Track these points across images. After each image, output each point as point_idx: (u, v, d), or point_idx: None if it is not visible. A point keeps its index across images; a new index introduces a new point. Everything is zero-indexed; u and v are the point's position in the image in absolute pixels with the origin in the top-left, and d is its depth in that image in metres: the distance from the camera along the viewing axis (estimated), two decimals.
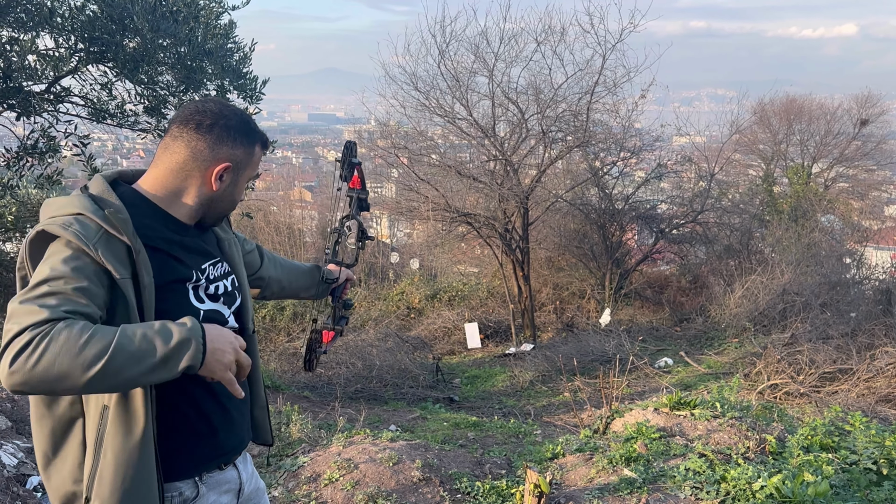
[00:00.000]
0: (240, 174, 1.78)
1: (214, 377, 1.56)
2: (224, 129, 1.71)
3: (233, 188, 1.78)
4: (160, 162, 1.71)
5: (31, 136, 6.30)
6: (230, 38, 6.28)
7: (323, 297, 2.40)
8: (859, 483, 3.84)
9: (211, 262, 1.81)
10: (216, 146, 1.70)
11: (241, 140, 1.74)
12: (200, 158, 1.70)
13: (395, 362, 11.13)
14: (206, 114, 1.70)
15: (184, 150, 1.69)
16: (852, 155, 22.97)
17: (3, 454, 3.84)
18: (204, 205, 1.75)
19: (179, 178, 1.71)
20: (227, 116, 1.72)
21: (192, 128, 1.68)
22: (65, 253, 1.50)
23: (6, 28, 5.58)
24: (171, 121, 1.74)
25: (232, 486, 1.86)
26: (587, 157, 16.23)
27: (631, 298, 16.73)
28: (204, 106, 1.72)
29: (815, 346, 9.46)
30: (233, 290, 1.88)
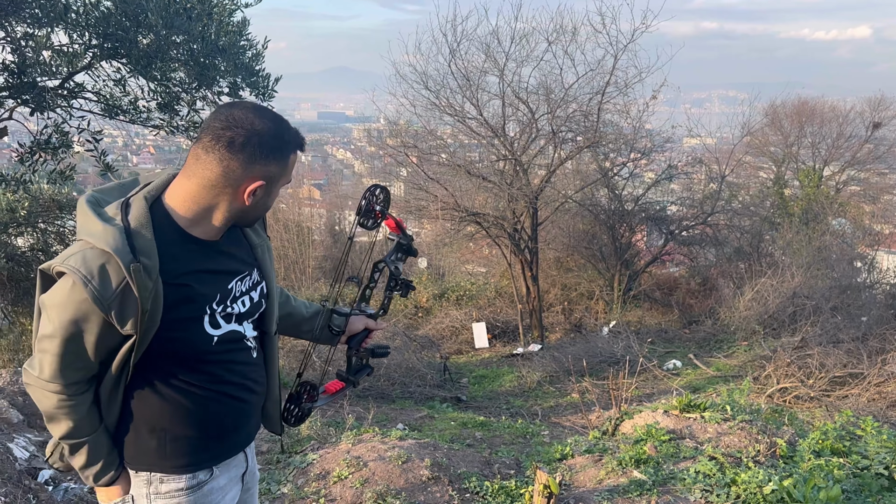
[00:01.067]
0: (273, 187, 1.74)
1: None
2: (258, 147, 1.64)
3: (266, 199, 1.76)
4: (192, 174, 1.67)
5: (45, 132, 6.34)
6: (243, 36, 6.29)
7: (328, 344, 2.15)
8: (871, 488, 3.81)
9: (239, 278, 1.83)
10: (249, 165, 1.65)
11: (274, 156, 1.67)
12: (233, 177, 1.65)
13: (402, 361, 11.14)
14: (239, 131, 1.62)
15: (216, 168, 1.64)
16: (864, 158, 22.78)
17: (14, 447, 3.86)
18: (234, 218, 1.75)
19: (211, 194, 1.68)
20: (261, 133, 1.64)
21: (224, 145, 1.62)
22: (74, 311, 1.61)
23: (21, 24, 5.61)
24: (203, 129, 1.67)
25: (240, 468, 1.98)
26: (597, 158, 16.20)
27: (640, 300, 16.69)
28: (236, 120, 1.63)
29: (826, 350, 9.40)
30: (259, 299, 1.91)
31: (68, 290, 1.59)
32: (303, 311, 2.17)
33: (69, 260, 1.59)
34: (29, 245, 9.48)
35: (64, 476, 3.87)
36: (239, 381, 1.86)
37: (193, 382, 1.77)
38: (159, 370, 1.73)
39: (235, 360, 1.85)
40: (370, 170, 20.46)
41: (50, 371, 1.65)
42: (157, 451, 1.78)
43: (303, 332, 2.18)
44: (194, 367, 1.76)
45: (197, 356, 1.76)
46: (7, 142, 7.73)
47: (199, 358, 1.76)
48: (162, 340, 1.67)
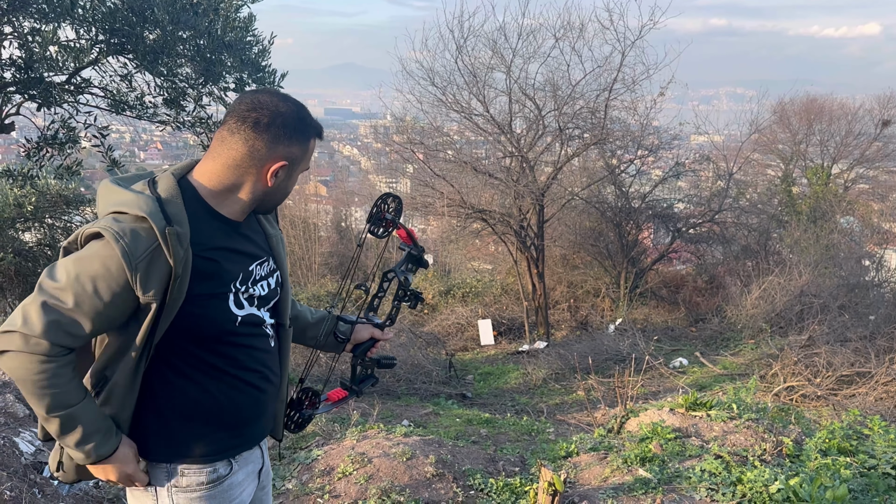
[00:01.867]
0: (295, 169, 1.80)
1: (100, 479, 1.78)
2: (282, 127, 1.70)
3: (286, 182, 1.80)
4: (217, 155, 1.72)
5: (52, 127, 6.35)
6: (249, 31, 6.29)
7: (332, 352, 2.17)
8: (878, 488, 3.79)
9: (258, 262, 1.85)
10: (273, 145, 1.71)
11: (297, 137, 1.74)
12: (258, 157, 1.70)
13: (408, 357, 11.14)
14: (264, 111, 1.69)
15: (241, 147, 1.69)
16: (873, 156, 22.65)
17: (20, 442, 3.87)
18: (257, 200, 1.78)
19: (236, 174, 1.72)
20: (285, 114, 1.71)
21: (249, 125, 1.68)
22: (97, 266, 1.56)
23: (28, 19, 5.63)
24: (228, 112, 1.74)
25: (256, 465, 1.97)
26: (604, 155, 16.14)
27: (646, 298, 16.64)
28: (261, 102, 1.71)
29: (833, 349, 9.35)
30: (276, 286, 1.92)
31: (97, 247, 1.57)
32: (308, 317, 2.17)
33: (99, 222, 1.58)
34: (36, 240, 9.51)
35: None
36: (258, 368, 1.85)
37: (215, 366, 1.76)
38: (181, 352, 1.72)
39: (255, 347, 1.84)
40: (376, 166, 20.45)
41: (41, 324, 1.52)
42: (176, 439, 1.76)
43: (307, 339, 2.17)
44: (216, 350, 1.75)
45: (220, 336, 1.75)
46: (14, 137, 7.76)
47: (222, 339, 1.75)
48: (186, 316, 1.66)
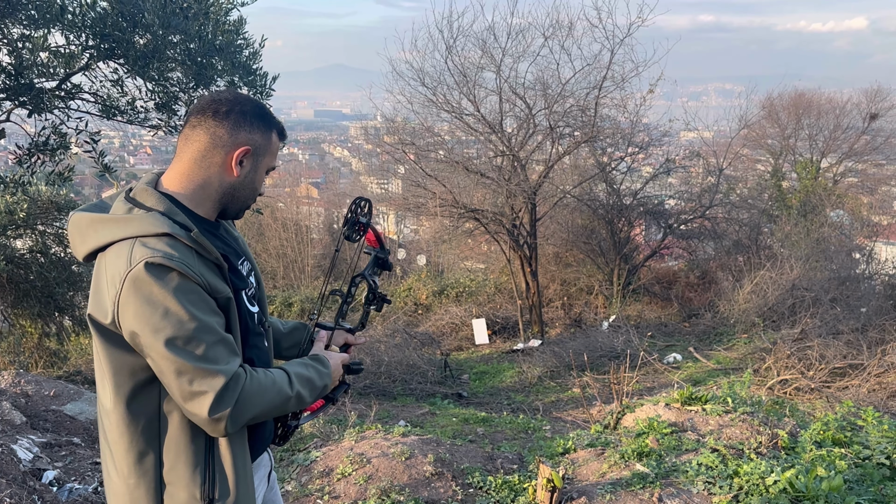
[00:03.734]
0: (259, 160, 1.78)
1: None
2: (241, 114, 1.73)
3: (253, 175, 1.78)
4: (182, 155, 1.73)
5: (43, 133, 6.33)
6: (240, 35, 6.29)
7: None
8: (873, 478, 3.83)
9: (240, 262, 1.85)
10: (235, 131, 1.71)
11: (258, 125, 1.75)
12: (220, 144, 1.71)
13: (403, 358, 11.15)
14: (223, 102, 1.73)
15: (204, 138, 1.70)
16: (862, 149, 22.81)
17: (18, 449, 3.86)
18: (227, 194, 1.76)
19: (202, 167, 1.72)
20: (243, 103, 1.74)
21: (209, 115, 1.71)
22: (180, 292, 1.52)
23: (18, 25, 5.60)
24: (188, 113, 1.76)
25: (266, 469, 1.98)
26: (595, 153, 16.20)
27: (639, 294, 16.71)
28: (219, 95, 1.75)
29: (826, 342, 9.43)
30: (257, 286, 1.93)
31: (159, 284, 1.51)
32: (280, 327, 2.14)
33: (133, 258, 1.52)
34: (28, 247, 9.48)
35: (68, 477, 3.88)
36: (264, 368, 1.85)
37: None
38: None
39: (260, 346, 1.84)
40: (367, 167, 20.45)
41: (221, 369, 1.53)
42: None
43: (283, 349, 2.12)
44: (243, 352, 1.73)
45: (244, 336, 1.75)
46: (5, 144, 7.72)
47: (245, 339, 1.75)
48: None
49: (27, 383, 5.25)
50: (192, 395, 1.52)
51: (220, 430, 1.56)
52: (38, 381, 5.44)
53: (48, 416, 4.85)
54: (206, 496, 1.63)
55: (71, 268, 9.56)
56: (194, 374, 1.51)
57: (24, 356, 9.46)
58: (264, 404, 1.61)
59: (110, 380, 1.60)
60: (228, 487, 1.66)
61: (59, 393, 5.27)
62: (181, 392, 1.52)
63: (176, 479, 1.62)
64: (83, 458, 4.24)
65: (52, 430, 4.67)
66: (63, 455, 4.21)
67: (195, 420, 1.55)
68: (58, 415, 4.91)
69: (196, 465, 1.62)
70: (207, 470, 1.64)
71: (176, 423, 1.61)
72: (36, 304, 9.11)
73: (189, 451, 1.62)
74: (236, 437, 1.68)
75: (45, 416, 4.82)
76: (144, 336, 1.50)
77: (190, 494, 1.62)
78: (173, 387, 1.52)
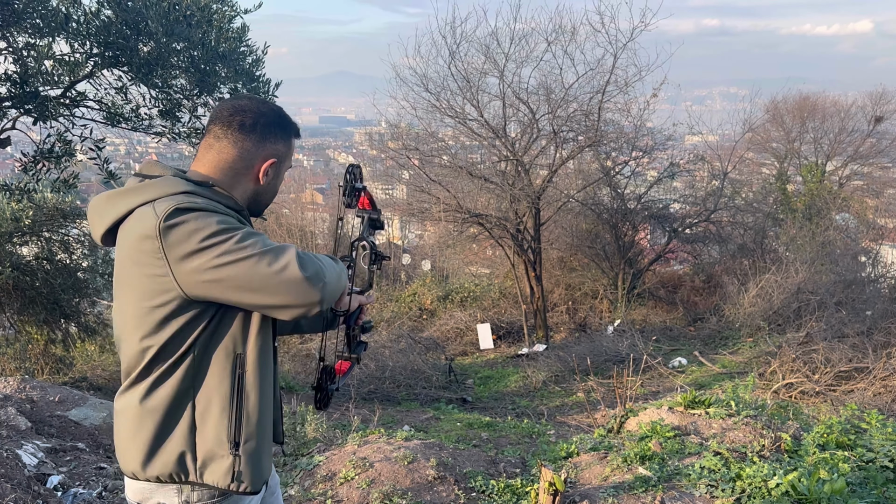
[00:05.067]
0: (282, 166, 1.86)
1: None
2: (266, 126, 1.78)
3: (276, 180, 1.86)
4: (206, 161, 1.77)
5: (48, 141, 6.37)
6: (243, 42, 6.32)
7: (333, 329, 2.19)
8: (876, 481, 3.82)
9: None
10: (261, 143, 1.77)
11: (280, 134, 1.82)
12: (248, 157, 1.77)
13: (407, 363, 11.16)
14: (247, 113, 1.76)
15: (231, 150, 1.76)
16: (867, 152, 22.75)
17: (23, 454, 3.89)
18: (251, 199, 1.83)
19: (228, 175, 1.77)
20: (266, 114, 1.79)
21: (235, 128, 1.75)
22: (216, 217, 1.59)
23: (23, 34, 5.65)
24: (211, 120, 1.79)
25: None
26: (599, 157, 16.20)
27: (644, 298, 16.68)
28: (241, 105, 1.78)
29: (831, 345, 9.40)
30: None
31: (195, 217, 1.58)
32: None
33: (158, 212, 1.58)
34: (34, 254, 9.52)
35: (72, 482, 3.90)
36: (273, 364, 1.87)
37: None
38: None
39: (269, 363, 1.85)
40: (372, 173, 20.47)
41: (281, 246, 1.61)
42: None
43: (300, 326, 2.19)
44: None
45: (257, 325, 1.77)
46: (10, 151, 7.78)
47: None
48: None
49: (32, 389, 5.28)
50: (279, 271, 1.57)
51: (316, 294, 1.61)
52: (44, 386, 5.47)
53: (53, 421, 4.88)
54: (231, 438, 1.70)
55: (76, 274, 9.60)
56: (267, 254, 1.57)
57: (29, 362, 9.50)
58: (328, 268, 1.69)
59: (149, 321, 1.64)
60: (254, 432, 1.73)
61: (65, 399, 5.29)
62: (268, 275, 1.56)
63: (208, 419, 1.69)
64: (88, 464, 4.26)
65: (57, 435, 4.69)
66: (68, 460, 4.23)
67: (291, 294, 1.59)
68: (63, 420, 4.93)
69: (224, 409, 1.69)
70: (233, 414, 1.70)
71: (215, 369, 1.68)
72: (42, 311, 9.15)
73: (220, 395, 1.69)
74: (263, 386, 1.74)
75: (50, 421, 4.85)
76: (206, 261, 1.55)
77: (217, 435, 1.69)
78: (257, 281, 1.57)
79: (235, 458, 1.71)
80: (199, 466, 1.70)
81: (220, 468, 1.70)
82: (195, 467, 1.70)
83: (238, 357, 1.70)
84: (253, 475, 1.74)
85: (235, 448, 1.70)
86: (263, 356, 1.75)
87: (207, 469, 1.70)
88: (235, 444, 1.70)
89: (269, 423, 1.81)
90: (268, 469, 1.83)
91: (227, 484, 1.71)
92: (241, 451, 1.71)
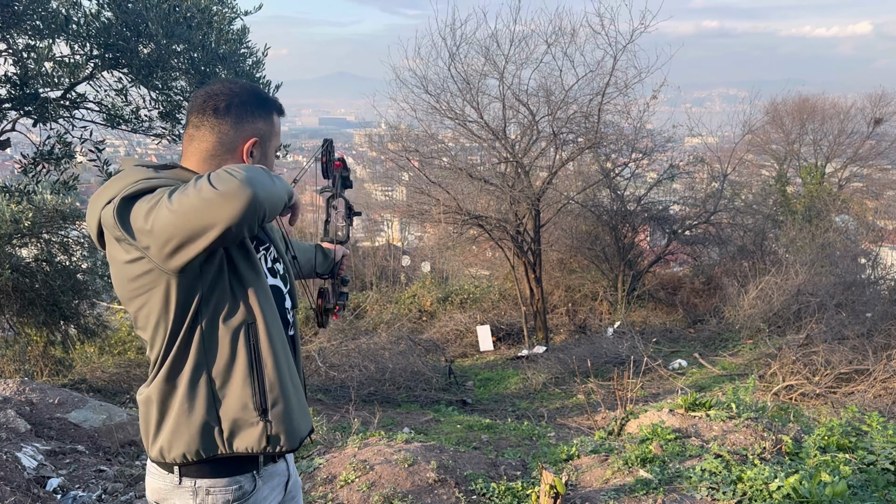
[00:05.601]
0: (267, 146, 1.82)
1: None
2: (241, 105, 1.74)
3: (264, 161, 1.82)
4: (190, 154, 1.76)
5: (47, 143, 6.37)
6: (243, 44, 6.33)
7: (327, 273, 2.37)
8: (877, 483, 3.81)
9: (264, 246, 1.89)
10: (238, 125, 1.74)
11: (259, 112, 1.77)
12: (228, 140, 1.74)
13: (407, 365, 11.14)
14: (219, 96, 1.73)
15: (210, 137, 1.73)
16: (866, 154, 22.77)
17: (22, 456, 3.88)
18: None
19: (213, 164, 1.74)
20: (239, 94, 1.75)
21: (210, 114, 1.72)
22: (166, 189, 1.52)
23: (23, 35, 5.65)
24: (187, 112, 1.78)
25: (282, 478, 1.93)
26: (598, 159, 16.20)
27: (644, 300, 16.68)
28: (213, 89, 1.75)
29: (831, 347, 9.39)
30: (285, 273, 1.95)
31: (129, 184, 1.54)
32: (305, 245, 2.35)
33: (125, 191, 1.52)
34: (33, 256, 9.52)
35: (72, 484, 3.89)
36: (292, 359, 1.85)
37: None
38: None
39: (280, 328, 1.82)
40: (372, 175, 20.51)
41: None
42: None
43: (314, 270, 2.32)
44: None
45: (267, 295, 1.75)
46: (10, 153, 7.77)
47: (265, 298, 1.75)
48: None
49: (32, 391, 5.27)
50: (213, 188, 1.45)
51: (248, 192, 1.45)
52: (43, 389, 5.46)
53: (53, 423, 4.87)
54: (258, 406, 1.69)
55: (76, 276, 9.60)
56: (187, 188, 1.48)
57: (29, 364, 9.50)
58: (250, 170, 1.52)
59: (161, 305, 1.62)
60: (279, 396, 1.72)
61: (64, 401, 5.28)
62: (190, 204, 1.44)
63: (229, 391, 1.68)
64: (87, 466, 4.25)
65: (57, 437, 4.68)
66: (67, 463, 4.22)
67: (229, 202, 1.44)
68: (62, 423, 4.92)
69: (245, 378, 1.67)
70: (255, 383, 1.68)
71: (224, 341, 1.66)
72: (41, 313, 9.14)
73: (238, 366, 1.67)
74: (277, 350, 1.72)
75: (49, 423, 4.84)
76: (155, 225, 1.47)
77: (243, 405, 1.68)
78: (185, 218, 1.45)
79: (266, 423, 1.70)
80: (226, 437, 1.70)
81: (251, 435, 1.70)
82: (222, 439, 1.69)
83: (249, 326, 1.68)
84: (288, 434, 1.75)
85: (264, 415, 1.70)
86: (272, 322, 1.72)
87: (237, 437, 1.70)
88: (264, 411, 1.70)
89: (296, 384, 1.80)
90: (305, 425, 1.83)
91: (262, 447, 1.71)
92: (271, 415, 1.71)
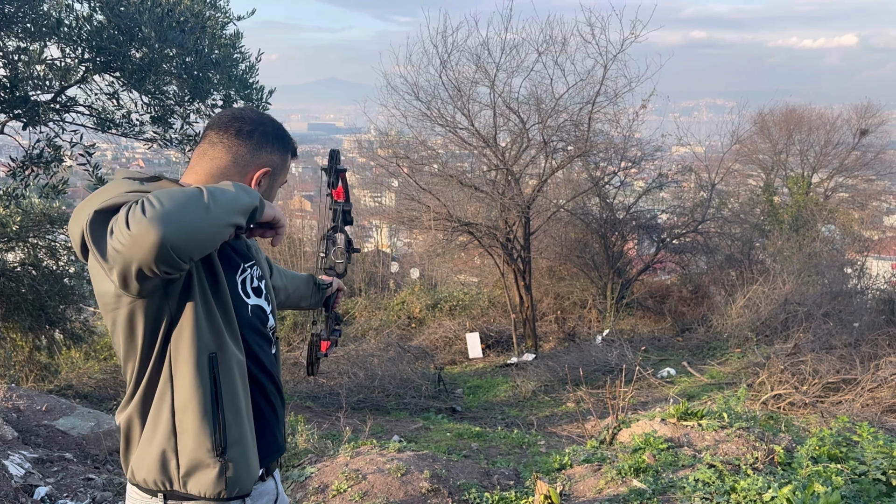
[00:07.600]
0: (275, 179, 1.83)
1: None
2: (263, 135, 1.76)
3: (268, 193, 1.82)
4: (198, 167, 1.73)
5: (37, 146, 6.31)
6: (236, 49, 6.31)
7: (319, 306, 2.35)
8: (869, 494, 3.82)
9: (249, 264, 1.86)
10: (256, 151, 1.75)
11: (278, 146, 1.80)
12: (241, 163, 1.73)
13: (396, 372, 11.11)
14: (246, 120, 1.75)
15: (225, 156, 1.72)
16: (852, 165, 23.00)
17: (10, 465, 3.82)
18: None
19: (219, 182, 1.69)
20: (265, 123, 1.78)
21: (232, 134, 1.73)
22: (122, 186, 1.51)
23: (13, 38, 5.60)
24: (207, 127, 1.78)
25: (270, 496, 1.88)
26: (588, 167, 16.26)
27: (632, 308, 16.73)
28: (242, 113, 1.76)
29: (819, 356, 9.44)
30: (267, 293, 1.91)
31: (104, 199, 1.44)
32: (298, 275, 2.33)
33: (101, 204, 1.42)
34: (20, 260, 9.41)
35: (60, 493, 3.83)
36: (269, 370, 1.80)
37: None
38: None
39: (263, 347, 1.79)
40: (361, 181, 20.44)
41: None
42: None
43: (302, 302, 2.32)
44: None
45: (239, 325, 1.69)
46: None
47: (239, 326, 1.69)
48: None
49: (19, 398, 5.20)
50: (127, 228, 1.34)
51: (154, 234, 1.32)
52: (30, 395, 5.39)
53: (40, 431, 4.80)
54: (217, 445, 1.61)
55: (63, 281, 9.50)
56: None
57: (14, 370, 9.37)
58: (182, 201, 1.40)
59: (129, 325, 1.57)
60: (238, 435, 1.64)
61: (52, 408, 5.22)
62: (111, 246, 1.36)
63: (188, 426, 1.59)
64: (75, 474, 4.19)
65: (44, 445, 4.62)
66: (55, 471, 4.16)
67: (136, 245, 1.33)
68: (50, 430, 4.86)
69: (205, 414, 1.59)
70: (215, 419, 1.60)
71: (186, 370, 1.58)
72: (27, 318, 9.03)
73: (198, 399, 1.58)
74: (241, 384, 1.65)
75: (36, 431, 4.78)
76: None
77: (201, 443, 1.59)
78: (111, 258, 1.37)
79: (223, 464, 1.61)
80: (182, 475, 1.61)
81: (206, 477, 1.61)
82: (178, 475, 1.61)
83: (211, 358, 1.59)
84: (244, 478, 1.65)
85: (222, 454, 1.61)
86: (235, 352, 1.64)
87: (192, 478, 1.61)
88: (222, 451, 1.61)
89: (252, 423, 1.70)
90: (255, 466, 1.72)
91: (217, 492, 1.62)
92: (229, 456, 1.62)
